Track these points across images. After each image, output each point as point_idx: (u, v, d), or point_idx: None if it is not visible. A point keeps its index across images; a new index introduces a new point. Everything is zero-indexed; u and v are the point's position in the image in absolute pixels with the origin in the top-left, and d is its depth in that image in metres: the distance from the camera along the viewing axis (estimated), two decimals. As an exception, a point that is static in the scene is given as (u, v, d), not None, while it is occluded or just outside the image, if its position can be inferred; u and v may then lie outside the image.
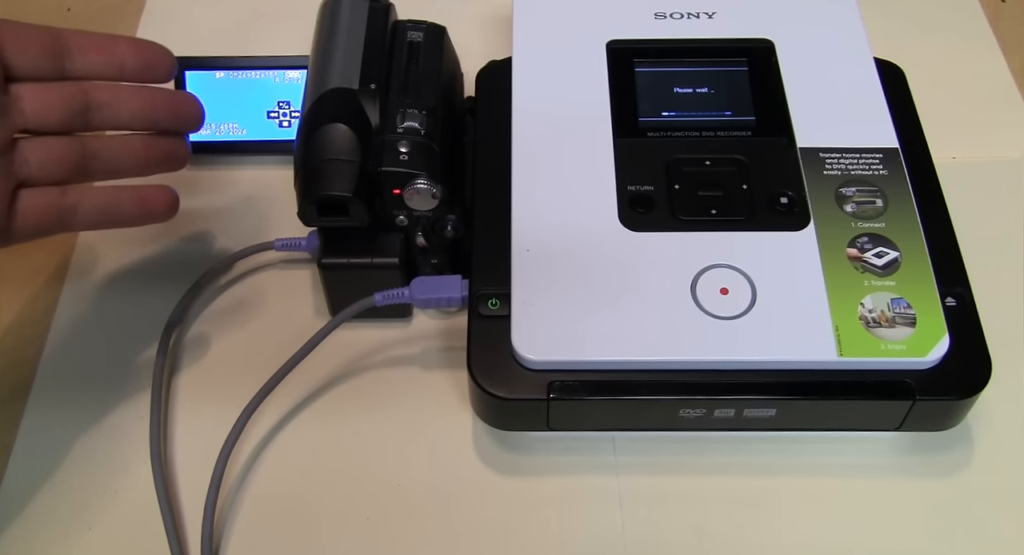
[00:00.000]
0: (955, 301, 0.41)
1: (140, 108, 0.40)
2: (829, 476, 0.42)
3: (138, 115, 0.40)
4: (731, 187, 0.44)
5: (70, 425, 0.44)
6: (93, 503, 0.42)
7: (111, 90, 0.39)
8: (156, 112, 0.40)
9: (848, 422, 0.42)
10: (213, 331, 0.47)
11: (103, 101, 0.39)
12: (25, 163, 0.37)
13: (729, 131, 0.46)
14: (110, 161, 0.40)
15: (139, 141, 0.41)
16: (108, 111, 0.39)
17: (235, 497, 0.42)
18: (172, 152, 0.42)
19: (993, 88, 0.57)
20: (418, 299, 0.43)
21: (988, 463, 0.43)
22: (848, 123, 0.46)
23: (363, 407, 0.45)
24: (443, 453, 0.43)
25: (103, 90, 0.39)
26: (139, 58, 0.39)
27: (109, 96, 0.39)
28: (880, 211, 0.43)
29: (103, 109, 0.39)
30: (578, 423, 0.42)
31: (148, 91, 0.40)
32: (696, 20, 0.50)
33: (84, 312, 0.48)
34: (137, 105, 0.40)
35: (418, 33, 0.48)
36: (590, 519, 0.41)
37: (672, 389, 0.40)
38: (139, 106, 0.40)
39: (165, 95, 0.41)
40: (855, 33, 0.49)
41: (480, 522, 0.41)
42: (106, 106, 0.39)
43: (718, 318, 0.40)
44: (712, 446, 0.43)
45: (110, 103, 0.39)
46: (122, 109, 0.39)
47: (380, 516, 0.42)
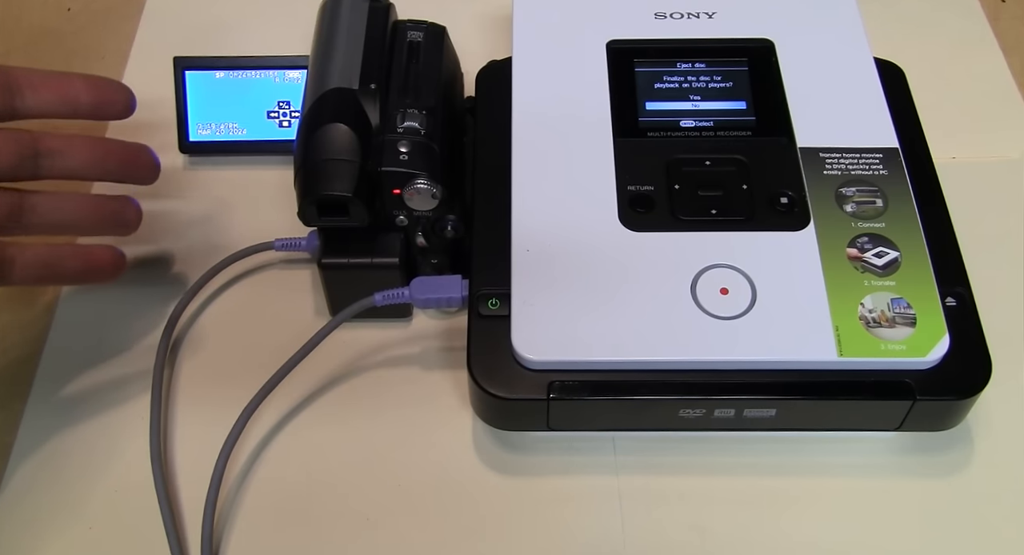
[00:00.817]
0: (955, 301, 0.41)
1: (91, 157, 0.38)
2: (829, 476, 0.42)
3: (89, 164, 0.38)
4: (731, 187, 0.44)
5: (70, 425, 0.44)
6: (93, 503, 0.42)
7: (63, 139, 0.38)
8: (108, 162, 0.39)
9: (848, 422, 0.42)
10: (213, 331, 0.47)
11: (54, 148, 0.37)
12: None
13: (729, 131, 0.46)
14: (49, 216, 0.38)
15: (85, 200, 0.39)
16: (59, 159, 0.38)
17: (235, 497, 0.42)
18: (120, 213, 0.41)
19: (993, 88, 0.57)
20: (418, 299, 0.43)
21: (988, 463, 0.43)
22: (848, 123, 0.46)
23: (363, 407, 0.45)
24: (443, 453, 0.43)
25: (54, 138, 0.38)
26: (93, 95, 0.38)
27: (60, 144, 0.38)
28: (880, 211, 0.43)
29: (53, 157, 0.37)
30: (578, 423, 0.42)
31: (101, 142, 0.39)
32: (696, 20, 0.50)
33: (84, 312, 0.48)
34: (87, 154, 0.38)
35: (418, 33, 0.48)
36: (590, 519, 0.41)
37: (672, 389, 0.40)
38: (89, 156, 0.38)
39: (119, 146, 0.40)
40: (855, 33, 0.49)
41: (480, 522, 0.41)
42: (56, 153, 0.37)
43: (718, 318, 0.40)
44: (712, 446, 0.43)
45: (61, 151, 0.38)
46: (73, 157, 0.38)
47: (380, 516, 0.42)
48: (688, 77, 0.48)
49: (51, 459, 0.43)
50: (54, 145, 0.38)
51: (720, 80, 0.48)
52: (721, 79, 0.48)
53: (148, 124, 0.54)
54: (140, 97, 0.41)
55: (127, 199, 0.41)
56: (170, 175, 0.52)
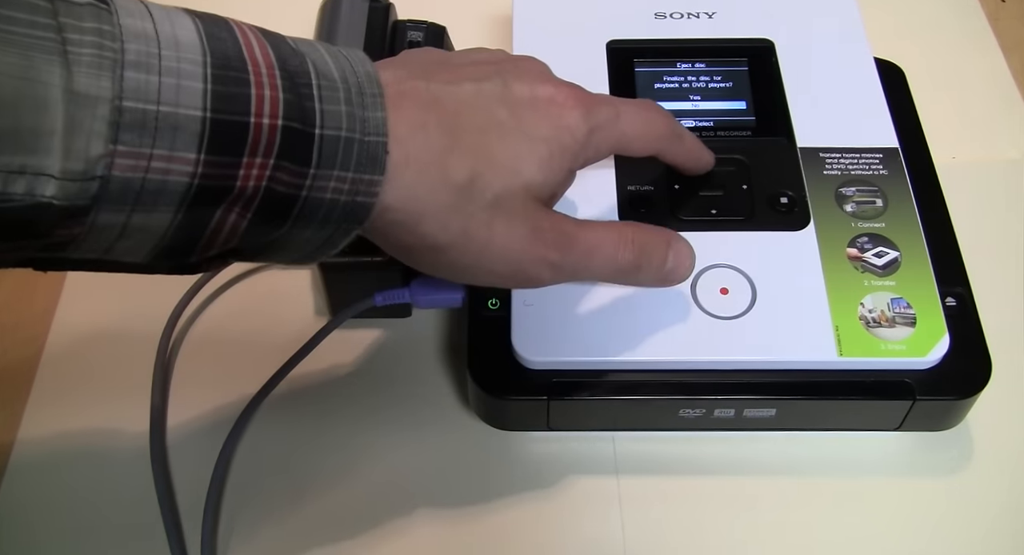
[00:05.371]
0: (955, 301, 0.42)
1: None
2: (829, 476, 0.42)
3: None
4: (731, 187, 0.44)
5: (70, 425, 0.44)
6: (93, 503, 0.42)
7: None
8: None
9: (848, 422, 0.42)
10: (213, 331, 0.47)
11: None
12: None
13: (729, 131, 0.46)
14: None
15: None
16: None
17: (235, 497, 0.42)
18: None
19: (993, 88, 0.57)
20: (418, 299, 0.43)
21: (988, 463, 0.43)
22: (848, 123, 0.46)
23: (363, 407, 0.45)
24: (443, 453, 0.43)
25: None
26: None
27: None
28: (880, 211, 0.43)
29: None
30: (578, 423, 0.42)
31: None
32: (696, 20, 0.50)
33: (84, 312, 0.48)
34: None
35: (418, 33, 0.48)
36: (590, 519, 0.41)
37: (672, 389, 0.40)
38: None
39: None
40: (855, 33, 0.49)
41: (480, 522, 0.41)
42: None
43: (718, 318, 0.40)
44: (712, 446, 0.43)
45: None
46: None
47: (380, 516, 0.42)
48: (688, 77, 0.48)
49: (51, 459, 0.43)
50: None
51: (720, 80, 0.48)
52: (721, 79, 0.48)
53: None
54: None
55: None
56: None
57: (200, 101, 0.26)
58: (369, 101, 0.29)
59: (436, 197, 0.30)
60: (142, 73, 0.25)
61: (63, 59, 0.24)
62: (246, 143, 0.26)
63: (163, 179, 0.25)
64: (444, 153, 0.30)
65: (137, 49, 0.25)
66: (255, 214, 0.28)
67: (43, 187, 0.24)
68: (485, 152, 0.31)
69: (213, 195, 0.27)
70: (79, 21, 0.24)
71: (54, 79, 0.23)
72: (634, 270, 0.35)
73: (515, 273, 0.33)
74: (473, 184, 0.31)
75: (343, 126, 0.28)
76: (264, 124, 0.27)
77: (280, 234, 0.29)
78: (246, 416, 0.43)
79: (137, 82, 0.25)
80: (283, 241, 0.30)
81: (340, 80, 0.29)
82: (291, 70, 0.28)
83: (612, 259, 0.35)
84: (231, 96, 0.26)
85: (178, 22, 0.27)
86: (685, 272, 0.37)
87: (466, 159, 0.31)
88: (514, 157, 0.32)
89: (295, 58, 0.28)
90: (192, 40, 0.26)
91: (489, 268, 0.33)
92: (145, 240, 0.27)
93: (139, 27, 0.25)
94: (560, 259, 0.33)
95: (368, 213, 0.30)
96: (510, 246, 0.32)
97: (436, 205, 0.31)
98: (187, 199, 0.26)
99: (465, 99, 0.32)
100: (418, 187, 0.30)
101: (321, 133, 0.28)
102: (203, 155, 0.26)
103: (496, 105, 0.32)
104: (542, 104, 0.33)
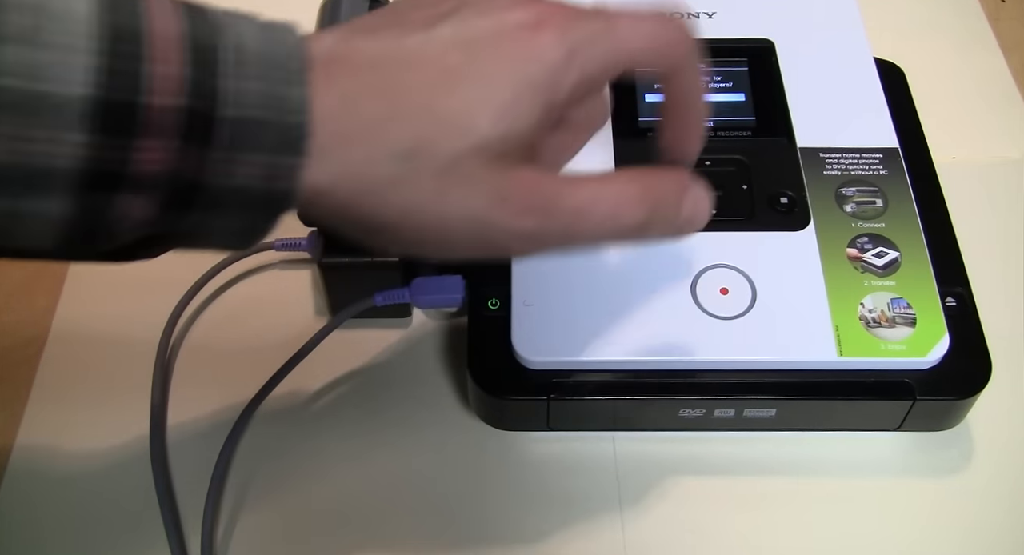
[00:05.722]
0: (955, 301, 0.42)
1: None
2: (829, 476, 0.42)
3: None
4: (731, 187, 0.44)
5: (70, 425, 0.44)
6: (93, 503, 0.42)
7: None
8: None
9: (848, 422, 0.42)
10: (213, 331, 0.47)
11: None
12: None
13: (729, 131, 0.46)
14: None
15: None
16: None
17: (235, 497, 0.42)
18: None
19: (993, 88, 0.57)
20: (418, 299, 0.43)
21: (988, 463, 0.43)
22: (848, 123, 0.46)
23: (363, 407, 0.45)
24: (443, 453, 0.43)
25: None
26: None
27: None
28: (880, 211, 0.43)
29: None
30: (578, 423, 0.42)
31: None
32: (696, 20, 0.50)
33: (84, 312, 0.48)
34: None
35: (418, 33, 0.48)
36: (590, 519, 0.41)
37: (672, 389, 0.40)
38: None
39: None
40: (855, 33, 0.49)
41: (480, 522, 0.41)
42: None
43: (718, 318, 0.40)
44: (712, 446, 0.43)
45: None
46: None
47: (379, 516, 0.42)
48: (688, 77, 0.48)
49: (51, 459, 0.43)
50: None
51: (720, 80, 0.48)
52: (721, 79, 0.48)
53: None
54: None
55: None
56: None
57: (84, 77, 0.23)
58: (293, 77, 0.26)
59: (375, 172, 0.27)
60: (23, 47, 0.23)
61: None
62: (138, 124, 0.24)
63: (48, 163, 0.24)
64: (381, 122, 0.27)
65: (20, 21, 0.23)
66: (162, 201, 0.26)
67: None
68: (430, 112, 0.27)
69: (107, 180, 0.24)
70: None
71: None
72: (640, 229, 0.30)
73: (484, 247, 0.29)
74: (418, 152, 0.27)
75: (256, 104, 0.26)
76: (161, 104, 0.24)
77: (196, 221, 0.27)
78: (246, 416, 0.43)
79: (17, 57, 0.23)
80: (204, 228, 0.27)
81: (261, 54, 0.26)
82: (201, 44, 0.25)
83: (611, 220, 0.29)
84: (122, 73, 0.24)
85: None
86: (702, 220, 0.32)
87: (408, 124, 0.27)
88: (464, 112, 0.27)
89: (210, 30, 0.26)
90: (85, 12, 0.24)
91: (451, 244, 0.29)
92: (43, 226, 0.25)
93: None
94: (537, 228, 0.29)
95: (289, 198, 0.27)
96: (469, 219, 0.28)
97: (376, 181, 0.27)
98: (78, 184, 0.24)
99: (410, 53, 0.28)
100: (352, 164, 0.27)
101: (229, 113, 0.25)
102: (90, 137, 0.24)
103: (447, 51, 0.28)
104: (508, 34, 0.28)
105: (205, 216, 0.27)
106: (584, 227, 0.29)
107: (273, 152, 0.26)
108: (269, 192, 0.26)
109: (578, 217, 0.29)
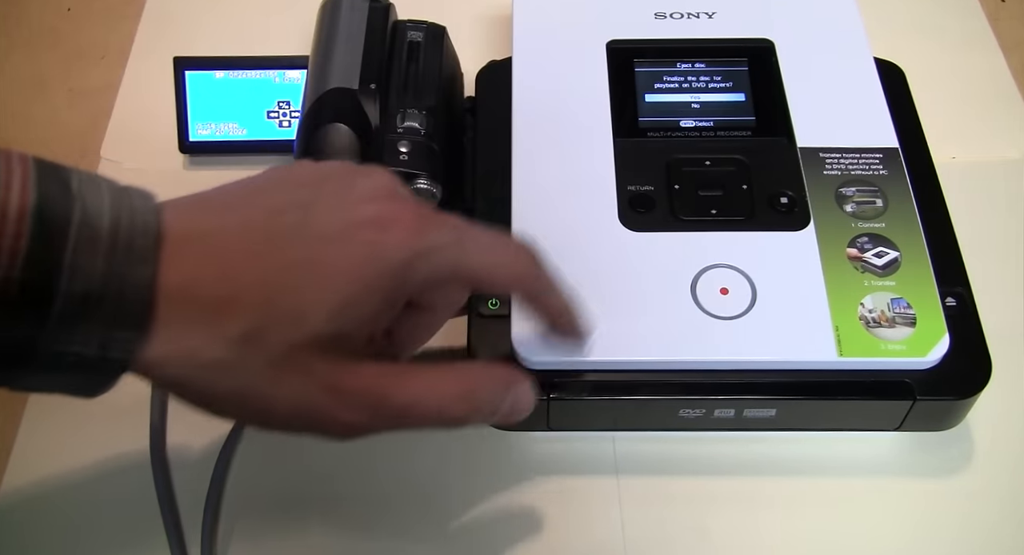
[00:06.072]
0: (955, 301, 0.41)
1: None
2: (829, 476, 0.42)
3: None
4: (731, 187, 0.44)
5: (70, 425, 0.44)
6: (93, 503, 0.42)
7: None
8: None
9: (848, 422, 0.42)
10: (213, 331, 0.47)
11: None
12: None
13: (729, 131, 0.46)
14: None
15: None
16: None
17: (235, 497, 0.42)
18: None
19: (993, 88, 0.57)
20: (418, 299, 0.43)
21: (988, 463, 0.43)
22: (848, 123, 0.46)
23: (363, 407, 0.45)
24: (443, 453, 0.43)
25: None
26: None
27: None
28: (880, 211, 0.43)
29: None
30: (578, 423, 0.42)
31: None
32: (696, 20, 0.50)
33: (84, 312, 0.48)
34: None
35: (418, 33, 0.48)
36: (590, 519, 0.41)
37: (672, 389, 0.40)
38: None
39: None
40: (855, 33, 0.49)
41: (480, 522, 0.41)
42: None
43: (718, 318, 0.40)
44: (712, 446, 0.43)
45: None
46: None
47: (379, 515, 0.42)
48: (688, 77, 0.48)
49: (51, 459, 0.43)
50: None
51: (720, 80, 0.48)
52: (721, 79, 0.48)
53: (148, 125, 0.54)
54: (140, 97, 0.41)
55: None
56: (170, 175, 0.52)
57: None
58: (136, 255, 0.27)
59: (208, 354, 0.28)
60: None
61: None
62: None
63: None
64: (220, 306, 0.28)
65: None
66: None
67: None
68: (267, 303, 0.28)
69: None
70: None
71: None
72: (464, 420, 0.32)
73: (313, 432, 0.31)
74: (251, 339, 0.28)
75: (96, 281, 0.26)
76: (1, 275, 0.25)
77: (37, 378, 0.28)
78: (246, 416, 0.43)
79: None
80: (46, 383, 0.28)
81: (109, 230, 0.27)
82: (49, 216, 0.26)
83: (435, 416, 0.31)
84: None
85: None
86: (523, 414, 0.33)
87: (245, 311, 0.28)
88: (299, 307, 0.29)
89: (62, 202, 0.26)
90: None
91: (280, 425, 0.31)
92: None
93: None
94: (366, 422, 0.30)
95: (122, 366, 0.28)
96: (299, 408, 0.30)
97: (207, 363, 0.28)
98: None
99: (260, 239, 0.29)
100: (187, 344, 0.28)
101: (67, 288, 0.26)
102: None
103: (292, 244, 0.29)
104: (357, 231, 0.29)
105: (36, 376, 0.28)
106: (410, 421, 0.31)
107: (111, 325, 0.27)
108: (103, 361, 0.28)
109: (406, 412, 0.31)
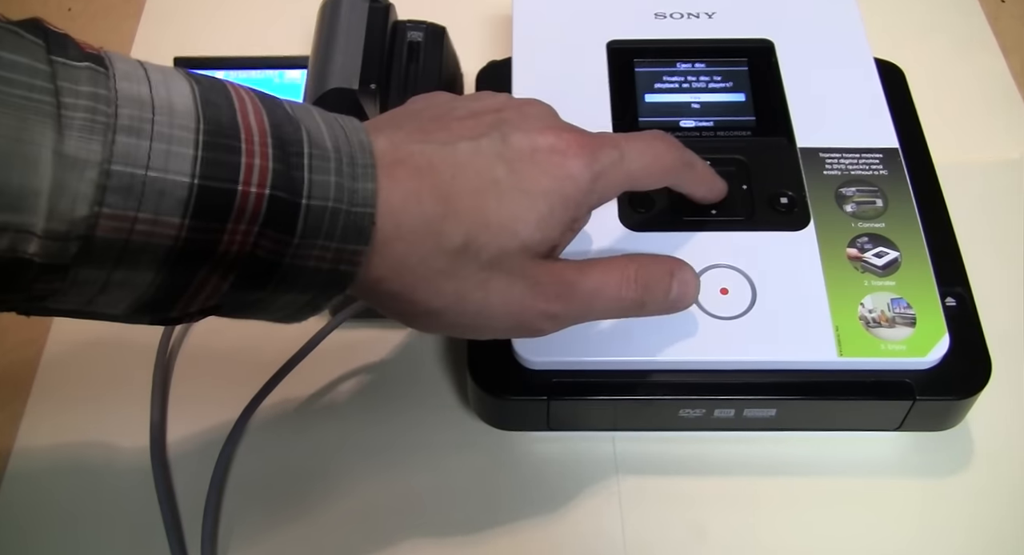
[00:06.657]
0: (955, 301, 0.41)
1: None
2: (829, 476, 0.42)
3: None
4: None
5: (70, 425, 0.44)
6: (93, 503, 0.42)
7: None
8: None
9: (848, 422, 0.42)
10: (213, 331, 0.47)
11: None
12: None
13: (729, 131, 0.46)
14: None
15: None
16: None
17: (235, 497, 0.42)
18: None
19: (993, 88, 0.57)
20: (418, 299, 0.43)
21: (988, 463, 0.43)
22: (848, 123, 0.46)
23: (363, 407, 0.45)
24: (443, 453, 0.43)
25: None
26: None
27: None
28: (880, 211, 0.43)
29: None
30: (578, 423, 0.42)
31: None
32: (696, 20, 0.50)
33: (84, 312, 0.48)
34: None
35: (418, 33, 0.48)
36: (590, 519, 0.41)
37: (672, 389, 0.40)
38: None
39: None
40: (855, 33, 0.49)
41: (480, 522, 0.41)
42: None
43: (718, 318, 0.40)
44: (712, 446, 0.43)
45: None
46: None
47: (380, 516, 0.42)
48: (688, 77, 0.48)
49: (51, 459, 0.43)
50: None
51: (720, 80, 0.48)
52: (721, 79, 0.48)
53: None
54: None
55: None
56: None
57: (189, 167, 0.26)
58: (360, 172, 0.29)
59: (429, 265, 0.31)
60: (133, 138, 0.25)
61: (56, 122, 0.24)
62: (232, 210, 0.27)
63: (146, 241, 0.26)
64: (437, 221, 0.30)
65: (131, 114, 0.25)
66: (237, 277, 0.28)
67: (25, 244, 0.24)
68: (480, 215, 0.31)
69: (196, 256, 0.27)
70: (75, 84, 0.25)
71: (45, 141, 0.24)
72: (639, 306, 0.35)
73: (517, 327, 0.34)
74: (468, 248, 0.31)
75: (331, 196, 0.28)
76: (251, 192, 0.27)
77: (261, 296, 0.29)
78: (246, 416, 0.43)
79: (128, 147, 0.25)
80: (264, 302, 0.30)
81: (332, 149, 0.29)
82: (284, 138, 0.28)
83: (615, 300, 0.34)
84: (221, 163, 0.26)
85: (175, 87, 0.27)
86: (691, 299, 0.37)
87: (460, 225, 0.31)
88: (511, 218, 0.31)
89: (290, 126, 0.29)
90: (187, 106, 0.26)
91: (488, 326, 0.33)
92: (125, 295, 0.28)
93: (135, 92, 0.26)
94: (562, 309, 0.33)
95: (350, 280, 0.30)
96: (508, 304, 0.32)
97: (429, 272, 0.31)
98: (169, 259, 0.27)
99: (461, 160, 0.32)
100: (410, 257, 0.30)
101: (307, 203, 0.28)
102: (188, 220, 0.26)
103: (494, 163, 0.32)
104: (542, 155, 0.33)
105: (272, 293, 0.29)
106: (594, 307, 0.34)
107: (343, 240, 0.29)
108: (334, 274, 0.30)
109: (590, 300, 0.34)
